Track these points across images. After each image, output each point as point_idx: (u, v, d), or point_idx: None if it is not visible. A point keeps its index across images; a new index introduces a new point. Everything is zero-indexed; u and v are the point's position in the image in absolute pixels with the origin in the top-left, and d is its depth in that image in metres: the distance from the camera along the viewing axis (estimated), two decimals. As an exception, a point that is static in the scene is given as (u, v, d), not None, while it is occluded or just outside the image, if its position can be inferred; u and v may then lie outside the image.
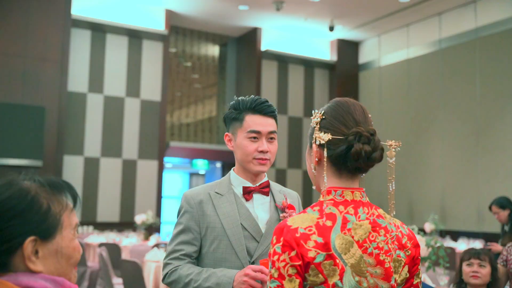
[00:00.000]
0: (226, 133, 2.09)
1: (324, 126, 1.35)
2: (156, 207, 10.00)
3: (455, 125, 9.66)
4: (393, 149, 1.36)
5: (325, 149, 1.33)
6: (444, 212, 9.65)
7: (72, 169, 9.40)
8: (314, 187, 1.44)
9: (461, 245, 7.88)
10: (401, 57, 10.99)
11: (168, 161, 12.59)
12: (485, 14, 9.35)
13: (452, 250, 7.07)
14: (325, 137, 1.32)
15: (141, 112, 10.11)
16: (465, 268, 3.03)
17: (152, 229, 8.94)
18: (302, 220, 1.28)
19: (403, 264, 1.34)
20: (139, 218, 8.33)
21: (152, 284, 5.42)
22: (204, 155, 11.68)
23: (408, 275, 1.36)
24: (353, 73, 12.05)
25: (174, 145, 10.75)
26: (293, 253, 1.23)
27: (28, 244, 1.01)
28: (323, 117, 1.37)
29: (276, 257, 1.25)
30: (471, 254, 3.03)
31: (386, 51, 11.38)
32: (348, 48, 12.00)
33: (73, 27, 9.49)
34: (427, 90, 10.31)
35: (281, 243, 1.25)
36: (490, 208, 5.41)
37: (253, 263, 1.92)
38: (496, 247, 4.52)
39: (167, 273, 1.93)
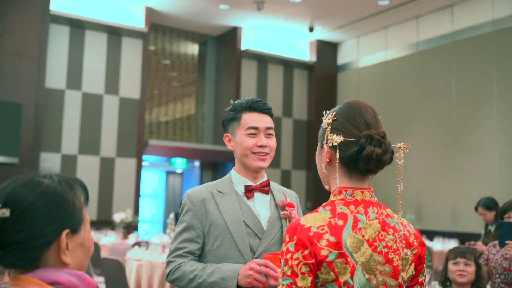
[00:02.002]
0: (226, 134, 2.13)
1: (335, 127, 1.38)
2: (134, 206, 9.92)
3: (431, 127, 9.83)
4: (402, 151, 1.40)
5: (337, 151, 1.36)
6: (419, 212, 9.82)
7: (49, 167, 9.24)
8: (326, 187, 1.46)
9: (437, 245, 8.01)
10: (379, 59, 11.12)
11: (146, 159, 12.50)
12: (461, 18, 9.54)
13: (429, 249, 7.18)
14: (337, 139, 1.35)
15: (119, 109, 10.01)
16: (451, 266, 3.10)
17: (130, 227, 8.88)
18: (314, 220, 1.31)
19: (410, 262, 1.38)
20: (118, 217, 8.27)
21: (133, 282, 5.40)
22: (183, 154, 11.63)
23: (414, 272, 1.40)
24: (332, 74, 12.15)
25: (153, 143, 10.68)
26: (306, 252, 1.26)
27: (64, 236, 1.06)
28: (335, 118, 1.39)
29: (289, 255, 1.28)
30: (457, 253, 3.09)
31: (365, 53, 11.50)
32: (327, 49, 12.09)
33: (52, 23, 9.35)
34: (404, 91, 10.47)
35: (294, 242, 1.28)
36: (476, 209, 5.38)
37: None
38: (481, 247, 4.59)
39: (170, 270, 1.95)
